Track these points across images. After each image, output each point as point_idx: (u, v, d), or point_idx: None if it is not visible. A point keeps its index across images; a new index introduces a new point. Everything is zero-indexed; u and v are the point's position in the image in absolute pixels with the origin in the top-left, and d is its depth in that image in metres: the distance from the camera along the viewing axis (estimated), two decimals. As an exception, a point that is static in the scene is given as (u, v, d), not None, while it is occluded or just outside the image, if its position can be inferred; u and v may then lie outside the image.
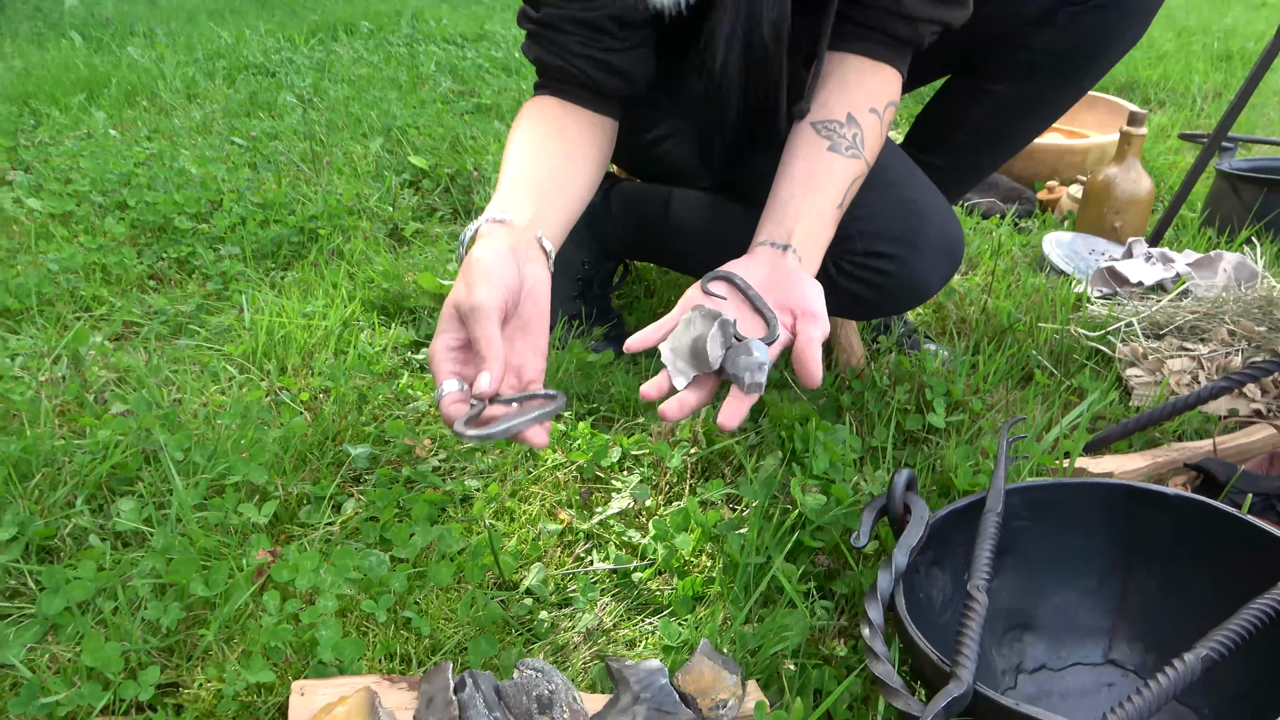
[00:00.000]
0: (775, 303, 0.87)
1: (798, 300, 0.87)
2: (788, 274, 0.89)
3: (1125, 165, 1.68)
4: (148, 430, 1.02)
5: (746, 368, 0.78)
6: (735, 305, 0.87)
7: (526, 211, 0.86)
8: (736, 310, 0.86)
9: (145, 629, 0.78)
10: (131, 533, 0.92)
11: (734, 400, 0.79)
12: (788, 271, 0.89)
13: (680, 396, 0.80)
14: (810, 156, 0.96)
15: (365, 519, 0.96)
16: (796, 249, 0.91)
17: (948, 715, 0.62)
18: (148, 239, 1.69)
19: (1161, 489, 0.82)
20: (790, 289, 0.88)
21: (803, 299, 0.87)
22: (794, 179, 0.95)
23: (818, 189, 0.94)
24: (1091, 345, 1.28)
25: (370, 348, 1.27)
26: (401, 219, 1.83)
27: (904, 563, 0.77)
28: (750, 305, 0.87)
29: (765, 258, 0.91)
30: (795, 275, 0.89)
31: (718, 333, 0.80)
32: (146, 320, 1.40)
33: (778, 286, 0.88)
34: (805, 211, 0.93)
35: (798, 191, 0.94)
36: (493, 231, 0.83)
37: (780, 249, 0.91)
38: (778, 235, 0.92)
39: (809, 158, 0.96)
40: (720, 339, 0.80)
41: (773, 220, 0.94)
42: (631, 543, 0.95)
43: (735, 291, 0.88)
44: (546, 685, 0.70)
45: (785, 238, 0.92)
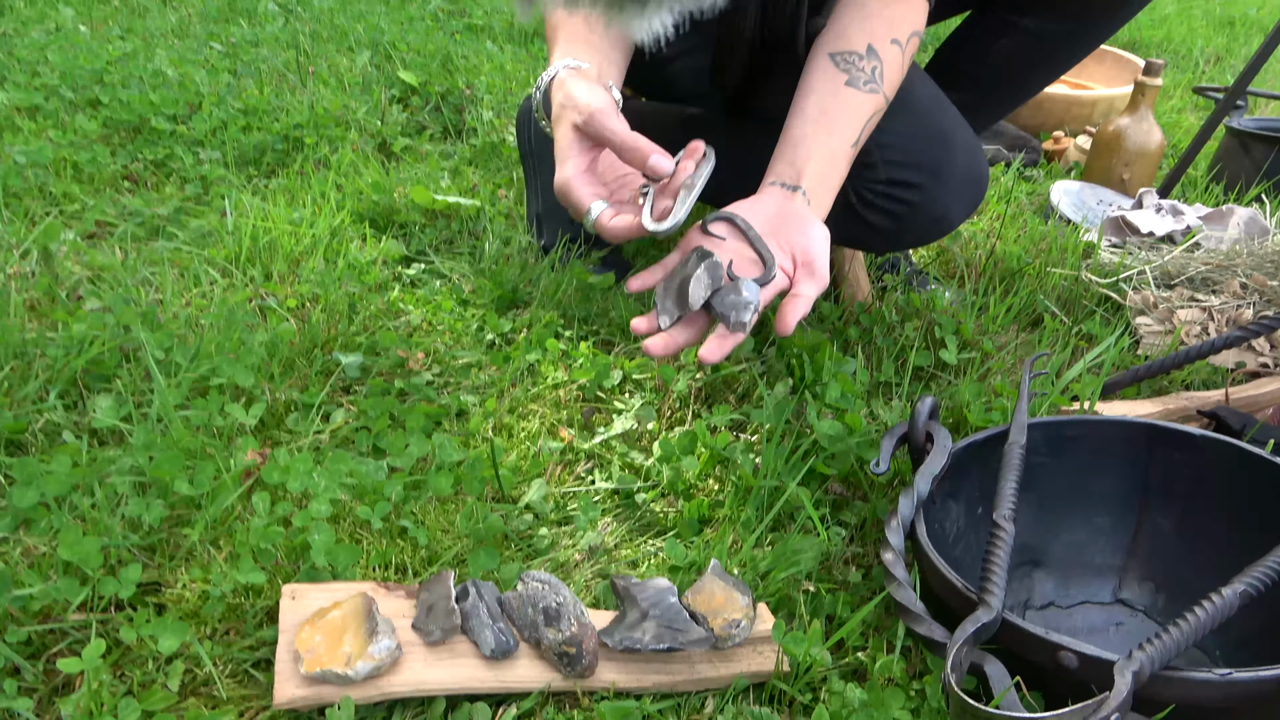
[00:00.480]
0: (778, 248, 0.84)
1: (801, 248, 0.84)
2: (795, 217, 0.86)
3: (1138, 116, 1.64)
4: (126, 327, 0.97)
5: (733, 306, 0.77)
6: (734, 246, 0.84)
7: (593, 62, 0.89)
8: (735, 251, 0.84)
9: (126, 526, 0.74)
10: (109, 431, 0.87)
11: (718, 337, 0.78)
12: (795, 215, 0.86)
13: (667, 334, 0.79)
14: (826, 92, 0.91)
15: (357, 428, 0.91)
16: (806, 191, 0.88)
17: (976, 641, 0.60)
18: (122, 138, 1.60)
19: (1188, 429, 0.80)
20: (796, 235, 0.85)
21: (807, 247, 0.84)
22: (808, 116, 0.91)
23: (832, 127, 0.90)
24: (1102, 292, 1.26)
25: (361, 258, 1.21)
26: (390, 134, 1.75)
27: (926, 490, 0.74)
28: (751, 246, 0.84)
29: (774, 198, 0.88)
30: (802, 219, 0.86)
31: (703, 274, 0.79)
32: (121, 221, 1.33)
33: (783, 231, 0.85)
34: (818, 151, 0.89)
35: (811, 130, 0.90)
36: (572, 74, 0.86)
37: (790, 190, 0.88)
38: (788, 176, 0.88)
39: (825, 93, 0.91)
40: (706, 280, 0.79)
41: (784, 159, 0.90)
42: (634, 464, 0.92)
43: (736, 232, 0.86)
44: (554, 597, 0.67)
45: (795, 179, 0.88)
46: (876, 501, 0.84)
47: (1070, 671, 0.59)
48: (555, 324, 1.11)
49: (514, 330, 1.13)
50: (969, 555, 0.82)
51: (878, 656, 0.68)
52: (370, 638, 0.63)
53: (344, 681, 0.61)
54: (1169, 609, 0.81)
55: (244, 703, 0.63)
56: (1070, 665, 0.58)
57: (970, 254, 1.43)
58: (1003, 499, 0.71)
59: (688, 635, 0.66)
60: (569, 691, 0.65)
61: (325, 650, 0.62)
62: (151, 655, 0.65)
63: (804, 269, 0.83)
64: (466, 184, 1.57)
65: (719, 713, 0.65)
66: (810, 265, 0.83)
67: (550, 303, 1.18)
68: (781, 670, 0.67)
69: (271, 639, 0.67)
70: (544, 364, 1.04)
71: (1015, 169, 1.79)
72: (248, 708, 0.63)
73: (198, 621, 0.68)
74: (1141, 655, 0.55)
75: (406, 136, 1.78)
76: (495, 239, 1.33)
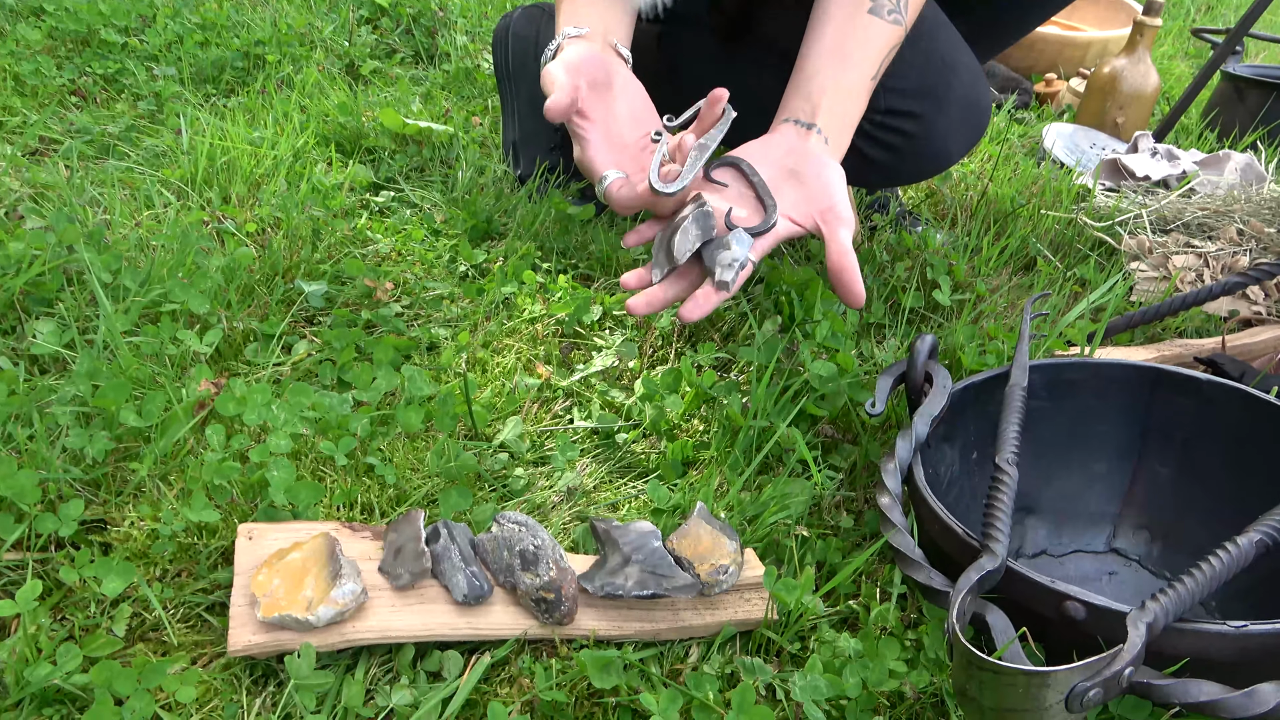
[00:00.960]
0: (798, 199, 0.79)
1: (819, 193, 0.79)
2: (809, 158, 0.81)
3: (1135, 58, 1.59)
4: (69, 247, 0.90)
5: (720, 262, 0.74)
6: (738, 192, 0.79)
7: (597, 23, 0.86)
8: (737, 198, 0.79)
9: (67, 459, 0.68)
10: (50, 358, 0.81)
11: (701, 292, 0.75)
12: (809, 156, 0.81)
13: (648, 292, 0.76)
14: (845, 19, 0.84)
15: (320, 360, 0.86)
16: (823, 129, 0.82)
17: (980, 590, 0.57)
18: (69, 50, 1.50)
19: (1194, 373, 0.77)
20: (811, 179, 0.80)
21: (826, 192, 0.79)
22: (824, 46, 0.84)
23: (850, 60, 0.84)
24: (1095, 236, 1.23)
25: (326, 182, 1.14)
26: (359, 56, 1.66)
27: (924, 432, 0.71)
28: (755, 194, 0.80)
29: (787, 137, 0.82)
30: (817, 161, 0.81)
31: (691, 225, 0.74)
32: (67, 138, 1.24)
33: (796, 174, 0.80)
34: (834, 86, 0.83)
35: (828, 62, 0.84)
36: (572, 44, 0.84)
37: (805, 128, 0.82)
38: (802, 112, 0.83)
39: (844, 20, 0.84)
40: (695, 232, 0.74)
41: (799, 94, 0.84)
42: (615, 403, 0.87)
43: (741, 177, 0.81)
44: (531, 540, 0.63)
45: (811, 115, 0.82)
46: (868, 444, 0.81)
47: (1076, 623, 0.56)
48: (532, 256, 1.06)
49: (488, 261, 1.07)
50: (963, 501, 0.79)
51: (871, 605, 0.65)
52: (333, 581, 0.58)
53: (304, 627, 0.57)
54: (1164, 558, 0.79)
55: (196, 649, 0.59)
56: (1077, 616, 0.55)
57: (961, 195, 1.38)
58: (1005, 442, 0.68)
59: (673, 581, 0.63)
60: (546, 639, 0.62)
61: (284, 594, 0.58)
62: (95, 598, 0.60)
63: (831, 215, 0.78)
64: (439, 109, 1.49)
65: (704, 662, 0.61)
66: (834, 210, 0.78)
67: (527, 234, 1.12)
68: (770, 618, 0.63)
69: (226, 582, 0.62)
70: (520, 297, 0.99)
71: (1007, 111, 1.74)
72: (200, 654, 0.59)
73: (146, 562, 0.63)
74: (1155, 606, 0.52)
75: (376, 59, 1.69)
76: (469, 167, 1.26)
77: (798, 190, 0.79)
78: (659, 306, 0.76)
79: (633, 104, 0.85)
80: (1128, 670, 0.49)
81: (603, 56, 0.84)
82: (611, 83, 0.84)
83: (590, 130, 0.81)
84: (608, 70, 0.84)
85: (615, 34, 0.87)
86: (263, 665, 0.58)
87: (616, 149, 0.82)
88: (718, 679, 0.59)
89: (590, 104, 0.82)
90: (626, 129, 0.84)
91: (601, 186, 0.80)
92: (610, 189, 0.79)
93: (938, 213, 1.36)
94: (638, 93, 0.86)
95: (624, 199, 0.78)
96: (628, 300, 0.75)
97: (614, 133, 0.83)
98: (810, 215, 0.78)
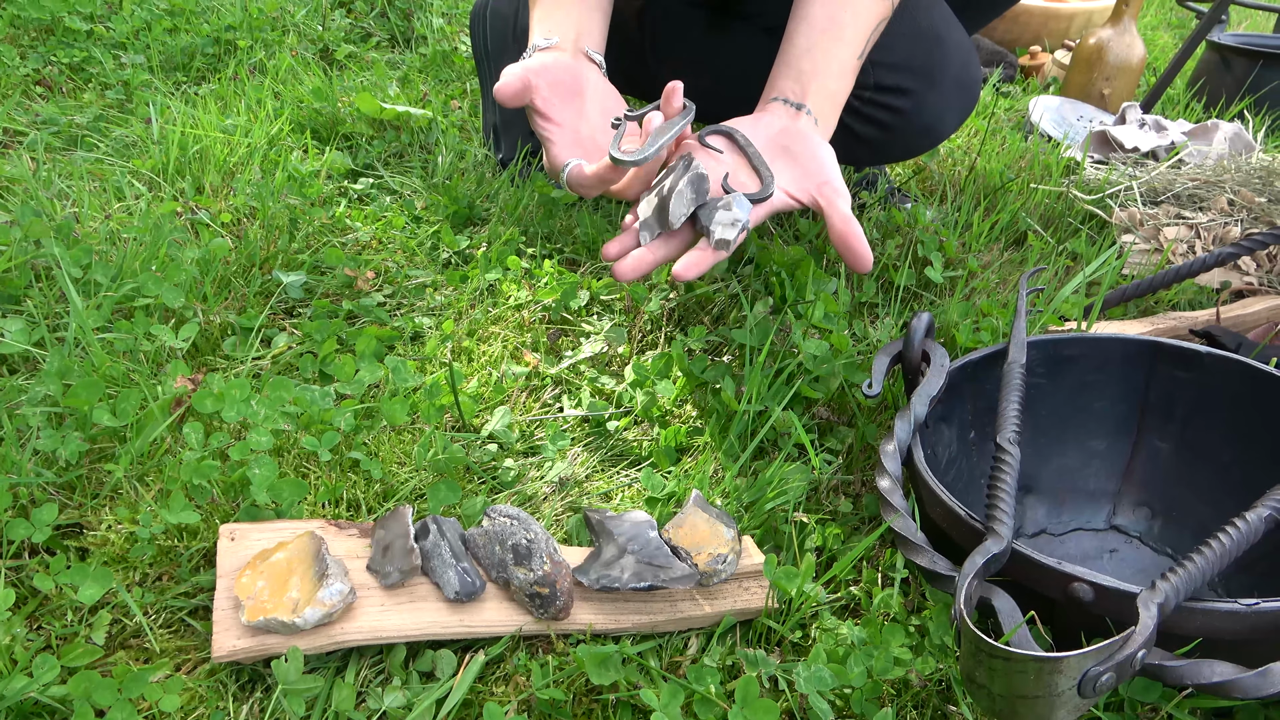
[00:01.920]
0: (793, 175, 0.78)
1: (814, 170, 0.78)
2: (800, 138, 0.79)
3: (1120, 28, 1.58)
4: (37, 242, 0.87)
5: (720, 221, 0.71)
6: (732, 161, 0.78)
7: (569, 29, 0.84)
8: (732, 167, 0.77)
9: (39, 462, 0.66)
10: (20, 357, 0.78)
11: (697, 251, 0.72)
12: (800, 135, 0.79)
13: (637, 253, 0.73)
14: None
15: (301, 353, 0.84)
16: (812, 110, 0.80)
17: (986, 573, 0.56)
18: (32, 39, 1.45)
19: (1194, 346, 0.76)
20: (806, 157, 0.78)
21: (821, 168, 0.78)
22: (814, 24, 0.82)
23: (839, 37, 0.82)
24: (1086, 209, 1.21)
25: (302, 169, 1.11)
26: (333, 40, 1.63)
27: (923, 412, 0.69)
28: (749, 164, 0.77)
29: (777, 117, 0.81)
30: (808, 139, 0.79)
31: (686, 188, 0.72)
32: (33, 129, 1.21)
33: (789, 151, 0.79)
34: (824, 66, 0.81)
35: (818, 40, 0.82)
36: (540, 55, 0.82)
37: (794, 108, 0.80)
38: (792, 92, 0.81)
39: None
40: (689, 195, 0.72)
41: (788, 74, 0.82)
42: (605, 389, 0.85)
43: (734, 147, 0.79)
44: (524, 534, 0.61)
45: (800, 95, 0.81)
46: (865, 426, 0.79)
47: (1083, 604, 0.55)
48: (516, 241, 1.03)
49: (471, 248, 1.04)
50: (961, 481, 0.78)
51: (873, 591, 0.64)
52: (320, 581, 0.56)
53: (291, 630, 0.55)
54: (1164, 534, 0.78)
55: (179, 655, 0.57)
56: (1085, 598, 0.54)
57: (950, 171, 1.37)
58: (1006, 421, 0.66)
59: (670, 572, 0.61)
60: (542, 635, 0.60)
61: (269, 596, 0.55)
62: (72, 605, 0.58)
63: (828, 189, 0.77)
64: (416, 94, 1.46)
65: (705, 654, 0.60)
66: (830, 184, 0.77)
67: (510, 219, 1.10)
68: (771, 607, 0.62)
69: (209, 585, 0.60)
70: (505, 283, 0.97)
71: (993, 84, 1.72)
72: (184, 660, 0.57)
73: (125, 567, 0.61)
74: (1166, 586, 0.51)
75: (350, 43, 1.66)
76: (449, 152, 1.23)
77: (792, 167, 0.77)
78: (647, 269, 0.74)
79: (606, 109, 0.83)
80: (1140, 653, 0.48)
81: (573, 64, 0.82)
82: (582, 90, 0.82)
83: (556, 133, 0.80)
84: (576, 77, 0.82)
85: (587, 39, 0.85)
86: (249, 670, 0.56)
87: (586, 151, 0.80)
88: (719, 671, 0.58)
89: (556, 108, 0.80)
90: (599, 134, 0.82)
91: (563, 176, 0.79)
92: (571, 172, 0.78)
93: (926, 189, 1.34)
94: (611, 97, 0.84)
95: (583, 178, 0.77)
96: (614, 266, 0.73)
97: (584, 136, 0.82)
98: (806, 190, 0.77)
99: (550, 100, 0.79)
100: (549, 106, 0.79)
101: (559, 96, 0.80)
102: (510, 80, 0.77)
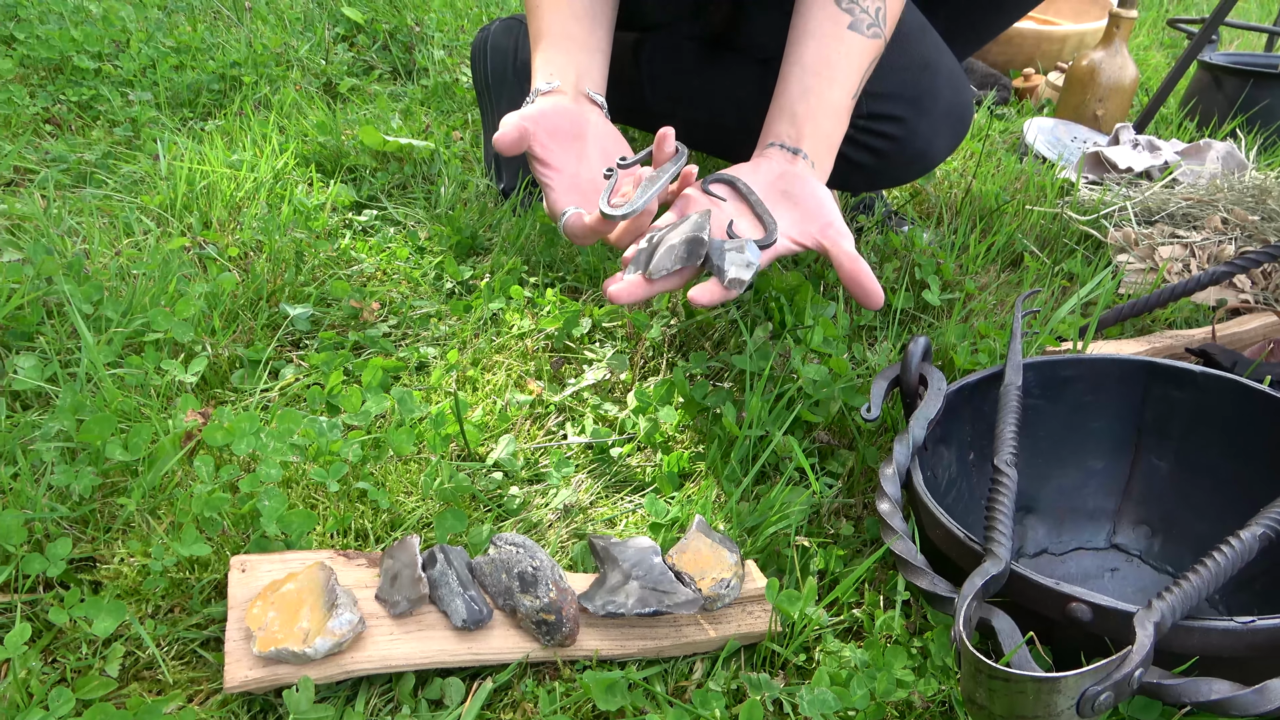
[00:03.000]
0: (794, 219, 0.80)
1: (815, 213, 0.79)
2: (798, 180, 0.81)
3: (1112, 50, 1.60)
4: (48, 279, 0.88)
5: (733, 262, 0.73)
6: (735, 208, 0.80)
7: (570, 71, 0.85)
8: (735, 214, 0.80)
9: (53, 497, 0.67)
10: (32, 393, 0.80)
11: (712, 285, 0.73)
12: (798, 178, 0.81)
13: (630, 280, 0.74)
14: (828, 35, 0.84)
15: (308, 385, 0.85)
16: (809, 154, 0.83)
17: (985, 594, 0.56)
18: (41, 78, 1.48)
19: (1188, 365, 0.77)
20: (806, 199, 0.80)
21: (821, 211, 0.80)
22: (806, 66, 0.84)
23: (833, 78, 0.84)
24: (1081, 230, 1.23)
25: (307, 203, 1.13)
26: (336, 74, 1.65)
27: (921, 435, 0.70)
28: (751, 210, 0.80)
29: (775, 163, 0.83)
30: (806, 182, 0.81)
31: (680, 247, 0.73)
32: (43, 167, 1.23)
33: (789, 195, 0.81)
34: (819, 108, 0.83)
35: (812, 83, 0.83)
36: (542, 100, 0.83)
37: (791, 153, 0.82)
38: (788, 136, 0.83)
39: (826, 37, 0.84)
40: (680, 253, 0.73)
41: (783, 118, 0.84)
42: (608, 416, 0.87)
43: (736, 195, 0.81)
44: (529, 561, 0.62)
45: (796, 139, 0.83)
46: (865, 449, 0.80)
47: (1082, 624, 0.55)
48: (519, 270, 1.05)
49: (475, 278, 1.06)
50: (961, 503, 0.79)
51: (875, 613, 0.64)
52: (329, 611, 0.57)
53: (302, 660, 0.55)
54: (1164, 553, 0.79)
55: (192, 686, 0.58)
56: (1083, 618, 0.55)
57: (945, 194, 1.38)
58: (1003, 443, 0.67)
59: (674, 597, 0.62)
60: (548, 661, 0.61)
61: (280, 627, 0.56)
62: (86, 638, 0.59)
63: (831, 230, 0.79)
64: (419, 125, 1.48)
65: (709, 678, 0.61)
66: (833, 225, 0.79)
67: (512, 248, 1.11)
68: (774, 631, 0.63)
69: (220, 616, 0.61)
70: (508, 313, 0.98)
71: (987, 107, 1.74)
72: (196, 691, 0.58)
73: (138, 599, 0.62)
74: (1162, 605, 0.52)
75: (353, 76, 1.69)
76: (451, 182, 1.25)
77: (793, 211, 0.79)
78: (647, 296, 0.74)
79: (607, 151, 0.84)
80: (1138, 672, 0.49)
81: (573, 108, 0.84)
82: (584, 133, 0.84)
83: (555, 179, 0.81)
84: (576, 120, 0.84)
85: (588, 80, 0.86)
86: (260, 701, 0.57)
87: (585, 195, 0.82)
88: (724, 695, 0.58)
89: (554, 154, 0.82)
90: (599, 177, 0.83)
91: (561, 223, 0.80)
92: (568, 221, 0.79)
93: (923, 212, 1.36)
94: (612, 138, 0.86)
95: (578, 228, 0.78)
96: (611, 290, 0.73)
97: (583, 180, 0.83)
98: (809, 234, 0.79)
99: (549, 146, 0.81)
100: (547, 153, 0.81)
101: (558, 142, 0.81)
102: (507, 130, 0.78)
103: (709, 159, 1.39)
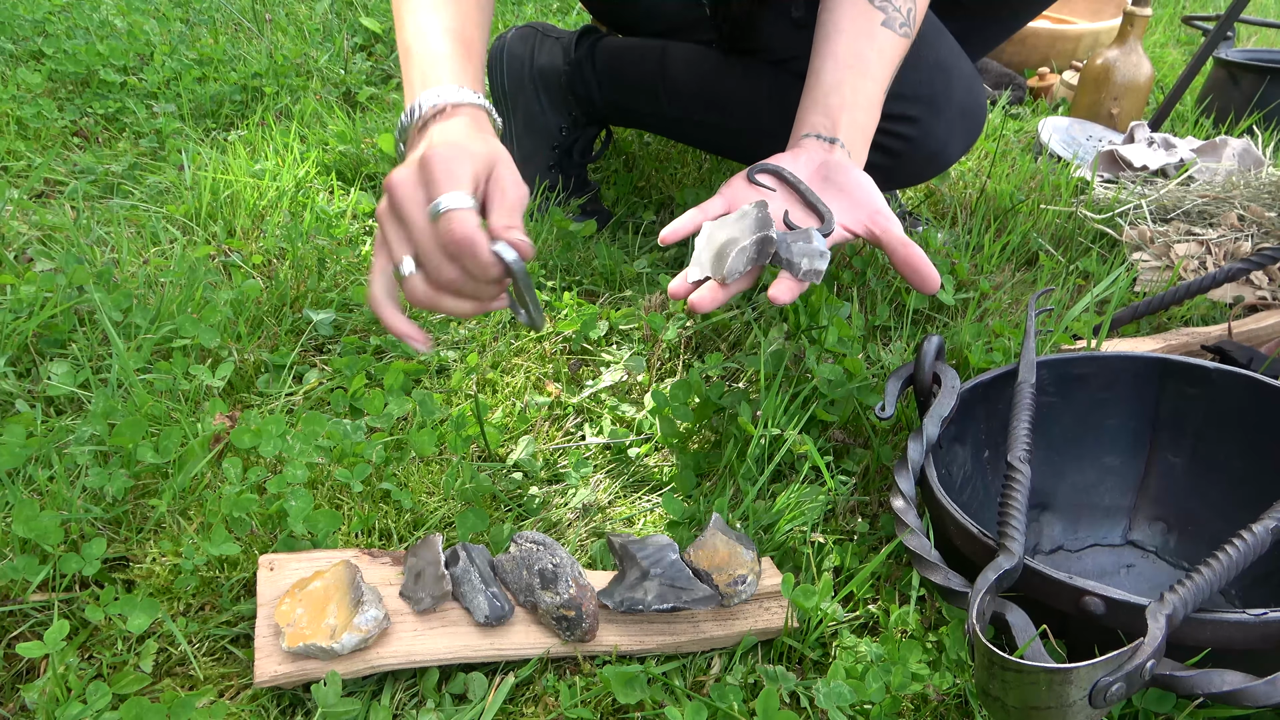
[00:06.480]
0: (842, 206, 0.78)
1: (862, 200, 0.78)
2: (840, 168, 0.80)
3: (1126, 48, 1.60)
4: (80, 288, 0.91)
5: (804, 254, 0.72)
6: (784, 199, 0.79)
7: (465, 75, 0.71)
8: (786, 204, 0.78)
9: (87, 498, 0.69)
10: (66, 399, 0.82)
11: (788, 281, 0.72)
12: (840, 166, 0.80)
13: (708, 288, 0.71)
14: (860, 33, 0.84)
15: (332, 388, 0.87)
16: (845, 143, 0.82)
17: (999, 589, 0.57)
18: (69, 92, 1.51)
19: (1202, 362, 0.77)
20: (851, 188, 0.79)
21: (868, 198, 0.78)
22: (840, 60, 0.83)
23: (866, 72, 0.83)
24: (1097, 228, 1.23)
25: (329, 210, 1.15)
26: (355, 83, 1.68)
27: (935, 433, 0.71)
28: (801, 200, 0.79)
29: (812, 152, 0.82)
30: (849, 170, 0.80)
31: (751, 248, 0.71)
32: (72, 178, 1.26)
33: (832, 183, 0.80)
34: (853, 100, 0.82)
35: (845, 75, 0.83)
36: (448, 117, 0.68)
37: (827, 143, 0.81)
38: (823, 127, 0.82)
39: (858, 34, 0.84)
40: (750, 253, 0.71)
41: (816, 110, 0.83)
42: (625, 417, 0.88)
43: (784, 184, 0.80)
44: (550, 559, 0.63)
45: (831, 129, 0.82)
46: (879, 447, 0.81)
47: (1095, 617, 0.56)
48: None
49: (493, 282, 1.07)
50: (976, 500, 0.79)
51: (890, 609, 0.65)
52: (356, 608, 0.59)
53: (329, 656, 0.57)
54: (1180, 549, 0.79)
55: (223, 682, 0.59)
56: (1096, 611, 0.55)
57: (960, 193, 1.39)
58: (1017, 440, 0.68)
59: (692, 594, 0.63)
60: (569, 657, 0.62)
61: (308, 623, 0.58)
62: (121, 635, 0.61)
63: (880, 217, 0.77)
64: (437, 133, 1.50)
65: (727, 673, 0.62)
66: (881, 212, 0.77)
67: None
68: (791, 626, 0.64)
69: (250, 613, 0.63)
70: (527, 316, 0.99)
71: (1002, 107, 1.74)
72: (227, 687, 0.59)
73: (169, 598, 0.64)
74: (1174, 598, 0.53)
75: (372, 85, 1.71)
76: (469, 188, 1.27)
77: (840, 199, 0.78)
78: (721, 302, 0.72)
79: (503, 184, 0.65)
80: (1150, 663, 0.49)
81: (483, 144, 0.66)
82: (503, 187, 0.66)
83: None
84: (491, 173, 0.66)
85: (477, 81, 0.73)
86: (289, 695, 0.58)
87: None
88: (741, 689, 0.59)
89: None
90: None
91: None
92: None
93: (938, 212, 1.36)
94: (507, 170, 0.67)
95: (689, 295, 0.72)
96: (691, 298, 0.70)
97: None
98: (860, 221, 0.77)
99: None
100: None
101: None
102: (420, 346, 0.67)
103: (723, 162, 1.41)
